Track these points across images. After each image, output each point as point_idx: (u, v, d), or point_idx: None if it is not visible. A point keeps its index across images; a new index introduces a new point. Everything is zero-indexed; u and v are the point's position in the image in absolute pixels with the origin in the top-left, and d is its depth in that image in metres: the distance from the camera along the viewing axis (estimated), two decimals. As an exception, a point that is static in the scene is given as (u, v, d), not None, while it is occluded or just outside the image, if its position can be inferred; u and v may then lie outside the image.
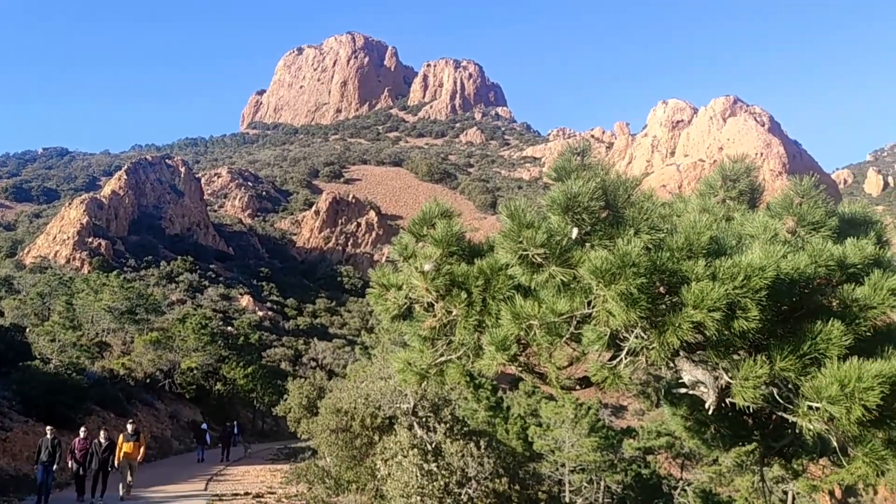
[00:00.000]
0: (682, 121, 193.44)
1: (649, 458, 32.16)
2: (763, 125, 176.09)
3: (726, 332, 4.80)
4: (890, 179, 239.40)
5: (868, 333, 5.22)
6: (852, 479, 5.58)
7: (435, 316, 6.40)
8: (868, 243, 5.30)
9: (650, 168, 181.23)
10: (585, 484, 26.52)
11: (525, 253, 5.11)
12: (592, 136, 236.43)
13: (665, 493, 30.36)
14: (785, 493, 26.16)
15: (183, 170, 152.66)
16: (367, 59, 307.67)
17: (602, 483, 26.52)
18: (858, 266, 5.23)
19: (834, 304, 5.22)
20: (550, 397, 29.54)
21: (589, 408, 26.57)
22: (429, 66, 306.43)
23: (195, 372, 50.45)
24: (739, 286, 4.60)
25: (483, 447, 13.95)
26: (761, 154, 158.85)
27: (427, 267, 6.09)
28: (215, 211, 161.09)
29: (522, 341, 5.95)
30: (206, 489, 24.35)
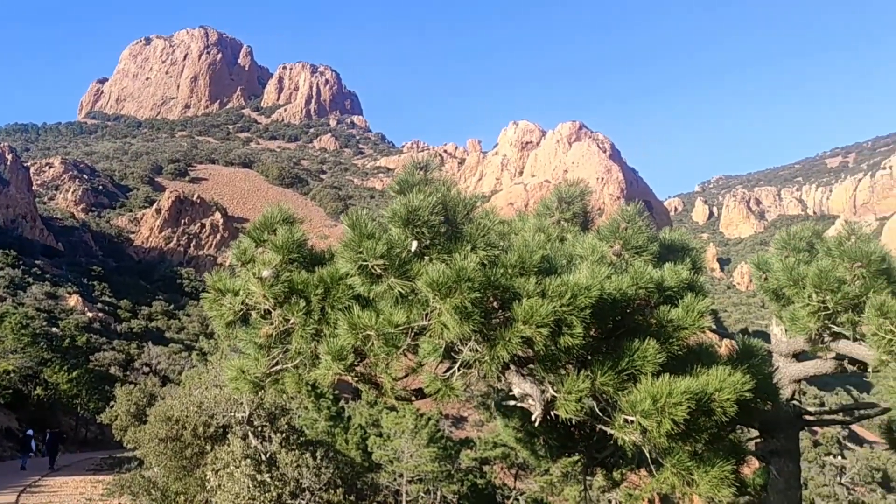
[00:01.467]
0: (531, 142, 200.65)
1: (486, 468, 32.92)
2: (605, 151, 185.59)
3: (553, 348, 5.02)
4: (714, 209, 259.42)
5: (680, 352, 5.62)
6: (663, 488, 5.95)
7: (272, 323, 6.29)
8: (684, 268, 5.71)
9: (499, 186, 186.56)
10: (423, 494, 26.74)
11: (365, 263, 5.13)
12: (445, 151, 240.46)
13: (499, 502, 31.17)
14: (609, 501, 27.53)
15: (10, 157, 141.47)
16: (220, 56, 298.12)
17: (439, 493, 26.84)
18: (674, 289, 5.62)
19: (652, 323, 5.58)
20: (392, 408, 29.60)
21: (429, 419, 26.87)
22: (285, 68, 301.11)
23: (12, 375, 46.73)
24: (566, 304, 4.83)
25: (320, 457, 13.78)
26: (602, 179, 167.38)
27: (265, 273, 5.97)
28: (45, 203, 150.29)
29: (360, 351, 5.95)
30: (17, 502, 22.57)
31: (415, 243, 5.16)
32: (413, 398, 6.79)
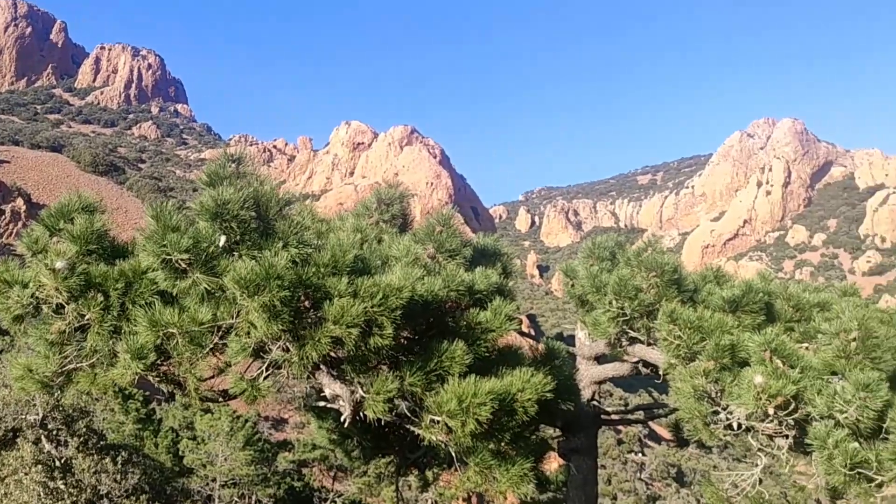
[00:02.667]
0: (363, 143, 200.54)
1: (304, 470, 32.45)
2: (435, 157, 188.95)
3: (364, 348, 5.00)
4: (536, 218, 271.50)
5: (488, 354, 5.78)
6: (468, 486, 6.10)
7: (65, 319, 5.84)
8: (494, 273, 5.88)
9: (330, 185, 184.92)
10: (236, 499, 25.92)
11: (169, 257, 4.87)
12: (275, 147, 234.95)
13: (316, 505, 30.80)
14: (427, 501, 27.95)
15: None
16: (29, 30, 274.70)
17: (254, 497, 26.14)
18: (484, 292, 5.78)
19: (462, 325, 5.70)
20: (207, 410, 28.49)
21: (246, 420, 26.14)
22: (103, 48, 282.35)
23: None
24: (378, 304, 4.83)
25: (122, 462, 12.99)
26: (432, 184, 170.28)
27: (59, 264, 5.52)
28: None
29: (164, 350, 5.66)
30: None
31: (223, 238, 4.97)
32: (220, 399, 6.55)
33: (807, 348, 6.35)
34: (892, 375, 5.74)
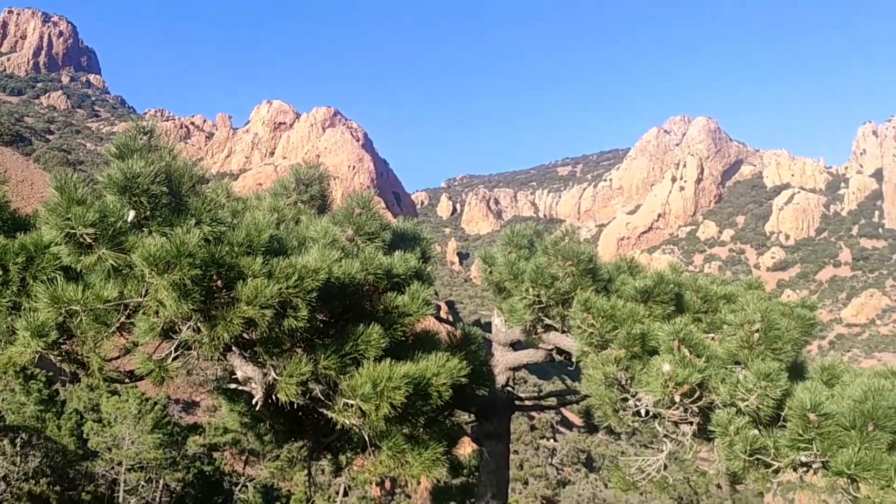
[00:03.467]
0: (285, 123, 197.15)
1: (215, 454, 31.85)
2: (358, 140, 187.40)
3: (277, 330, 4.90)
4: (458, 206, 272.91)
5: (404, 338, 5.77)
6: (383, 470, 6.08)
7: (-43, 294, 5.53)
8: (413, 257, 5.86)
9: (249, 164, 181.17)
10: (143, 483, 25.26)
11: (73, 231, 4.66)
12: (192, 124, 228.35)
13: (226, 489, 30.29)
14: (339, 486, 27.86)
15: None
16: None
17: (161, 481, 25.52)
18: (403, 276, 5.75)
19: (379, 309, 5.66)
20: (115, 392, 27.63)
21: (156, 403, 25.43)
22: (11, 12, 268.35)
23: None
24: (293, 286, 4.74)
25: (20, 444, 12.45)
26: (354, 167, 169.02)
27: (-49, 237, 5.23)
28: None
29: (67, 328, 5.43)
30: None
31: (132, 213, 4.78)
32: (126, 380, 6.33)
33: (713, 338, 6.56)
34: (792, 366, 5.99)
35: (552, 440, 63.73)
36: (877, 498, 4.84)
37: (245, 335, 5.23)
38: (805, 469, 5.34)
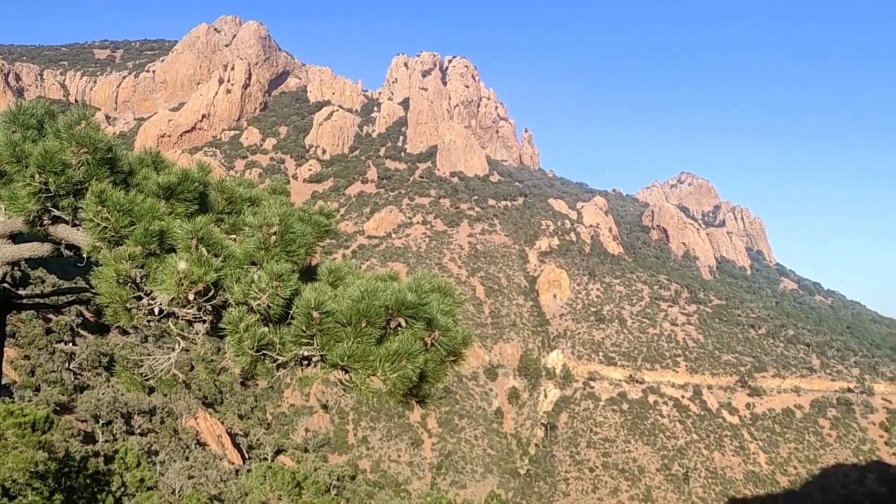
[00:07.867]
0: None
1: None
2: None
3: None
4: None
5: None
6: None
7: None
8: None
9: None
10: None
11: None
12: None
13: None
14: None
15: None
16: None
17: None
18: None
19: None
20: None
21: None
22: None
23: None
24: None
25: None
26: None
27: None
28: None
29: None
30: None
31: None
32: None
33: (235, 239, 6.62)
34: (303, 268, 6.34)
35: (71, 344, 59.48)
36: (363, 385, 5.42)
37: None
38: (306, 363, 5.74)
